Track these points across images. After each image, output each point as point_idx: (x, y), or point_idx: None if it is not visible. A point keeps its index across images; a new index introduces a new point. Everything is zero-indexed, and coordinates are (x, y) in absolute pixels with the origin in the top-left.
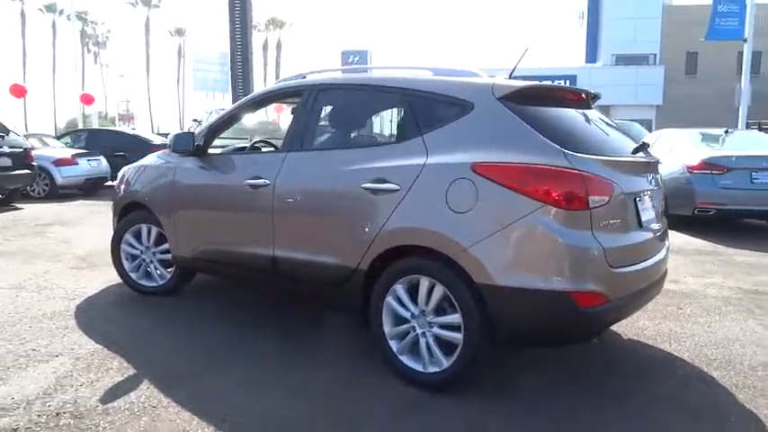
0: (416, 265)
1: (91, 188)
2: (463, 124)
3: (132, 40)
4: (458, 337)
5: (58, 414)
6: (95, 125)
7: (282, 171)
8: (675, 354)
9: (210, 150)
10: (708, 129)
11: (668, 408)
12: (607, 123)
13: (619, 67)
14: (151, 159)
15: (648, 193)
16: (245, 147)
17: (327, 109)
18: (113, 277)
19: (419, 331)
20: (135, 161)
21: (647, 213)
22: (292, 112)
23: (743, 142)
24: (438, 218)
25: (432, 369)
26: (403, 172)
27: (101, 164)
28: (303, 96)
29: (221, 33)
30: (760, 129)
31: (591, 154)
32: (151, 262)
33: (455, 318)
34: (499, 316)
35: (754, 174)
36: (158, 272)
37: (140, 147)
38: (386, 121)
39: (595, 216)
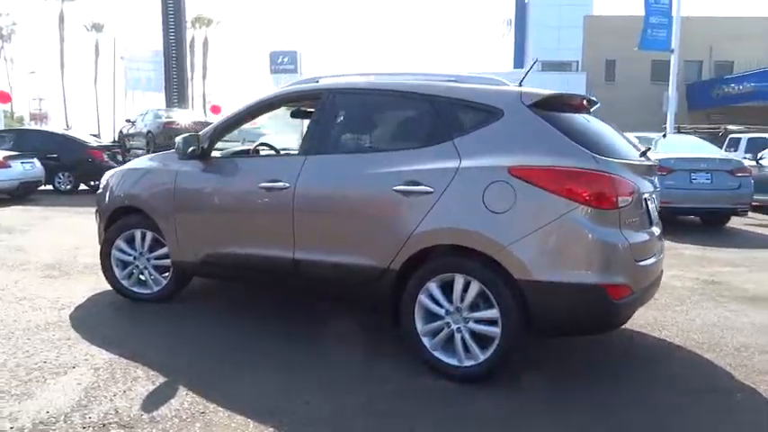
0: (452, 264)
1: (23, 192)
2: (494, 129)
3: (45, 34)
4: (495, 330)
5: (104, 425)
6: (1, 125)
7: (303, 174)
8: (668, 340)
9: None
10: (645, 132)
11: (677, 388)
12: (611, 128)
13: (545, 73)
14: (143, 163)
15: (654, 194)
16: (247, 150)
17: (351, 113)
18: (96, 285)
19: (454, 327)
20: (69, 164)
21: (654, 213)
22: (293, 115)
23: (678, 146)
24: (477, 218)
25: (468, 363)
26: (436, 175)
27: (35, 167)
28: (323, 100)
29: (144, 29)
30: (679, 131)
31: (611, 157)
32: (145, 268)
33: (492, 313)
34: (538, 309)
35: (692, 175)
36: (153, 278)
37: (74, 149)
38: (412, 126)
39: (622, 215)
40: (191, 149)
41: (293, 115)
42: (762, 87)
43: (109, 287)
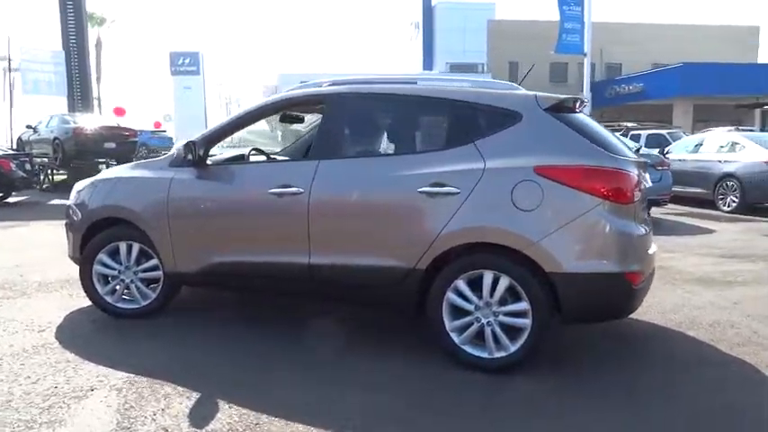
0: (481, 261)
1: None
2: (515, 132)
3: None
4: (525, 322)
5: None
6: None
7: (318, 179)
8: (648, 321)
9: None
10: None
11: (677, 364)
12: (603, 126)
13: (453, 75)
14: (124, 172)
15: (646, 188)
16: (240, 156)
17: (367, 117)
18: (65, 303)
19: (484, 321)
20: None
21: (647, 206)
22: (282, 120)
23: None
24: (506, 217)
25: (498, 354)
26: (462, 176)
27: None
28: (334, 104)
29: (42, 28)
30: None
31: (620, 155)
32: (132, 282)
33: (522, 305)
34: (568, 299)
35: None
36: (140, 292)
37: None
38: (432, 129)
39: (636, 208)
40: (188, 157)
41: (282, 120)
42: (649, 87)
43: (82, 305)
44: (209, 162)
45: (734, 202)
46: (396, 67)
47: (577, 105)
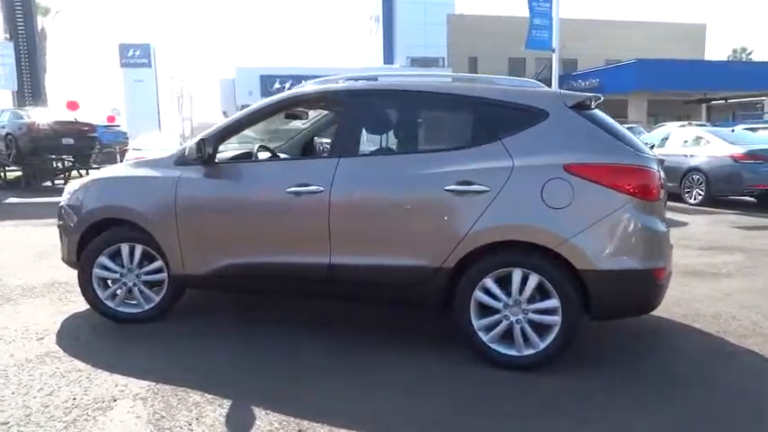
0: (510, 259)
1: None
2: (542, 130)
3: None
4: (555, 319)
5: None
6: None
7: (339, 177)
8: (657, 315)
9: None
10: None
11: (694, 356)
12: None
13: (414, 69)
14: (126, 170)
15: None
16: (247, 154)
17: (390, 114)
18: (56, 308)
19: (513, 319)
20: None
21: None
22: (287, 116)
23: None
24: (537, 214)
25: (528, 352)
26: (490, 174)
27: None
28: (356, 100)
29: None
30: None
31: (641, 152)
32: (134, 285)
33: (552, 302)
34: (598, 296)
35: None
36: (143, 295)
37: None
38: (457, 127)
39: (660, 205)
40: (197, 155)
41: (288, 116)
42: (605, 82)
43: (74, 310)
44: (216, 160)
45: (699, 195)
46: (356, 60)
47: (593, 103)
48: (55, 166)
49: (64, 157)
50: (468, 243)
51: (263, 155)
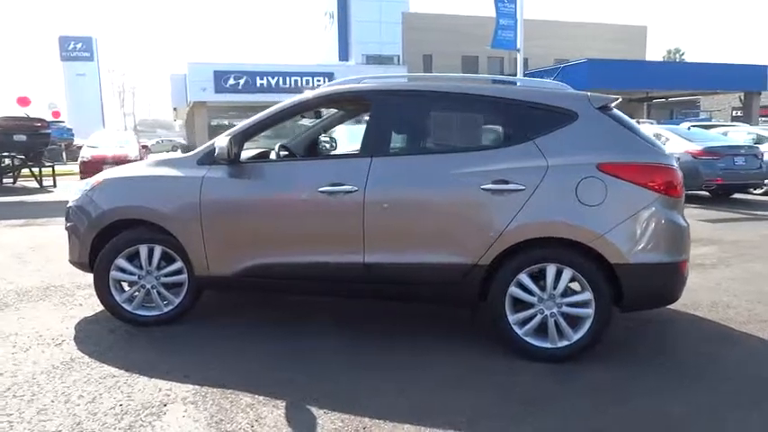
0: (545, 255)
1: None
2: (572, 130)
3: None
4: (588, 312)
5: None
6: None
7: (372, 176)
8: None
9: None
10: None
11: (702, 341)
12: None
13: (370, 66)
14: (145, 170)
15: None
16: (265, 153)
17: (422, 115)
18: (63, 313)
19: (547, 312)
20: None
21: None
22: (304, 116)
23: None
24: (572, 211)
25: (562, 344)
26: (525, 173)
27: None
28: (388, 100)
29: None
30: None
31: (665, 152)
32: (153, 287)
33: (585, 296)
34: (630, 289)
35: None
36: (163, 298)
37: None
38: (490, 128)
39: (682, 201)
40: (224, 156)
41: (305, 115)
42: (559, 80)
43: (82, 314)
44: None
45: None
46: (311, 56)
47: (613, 104)
48: (6, 164)
49: (14, 154)
50: (504, 240)
51: (283, 154)
